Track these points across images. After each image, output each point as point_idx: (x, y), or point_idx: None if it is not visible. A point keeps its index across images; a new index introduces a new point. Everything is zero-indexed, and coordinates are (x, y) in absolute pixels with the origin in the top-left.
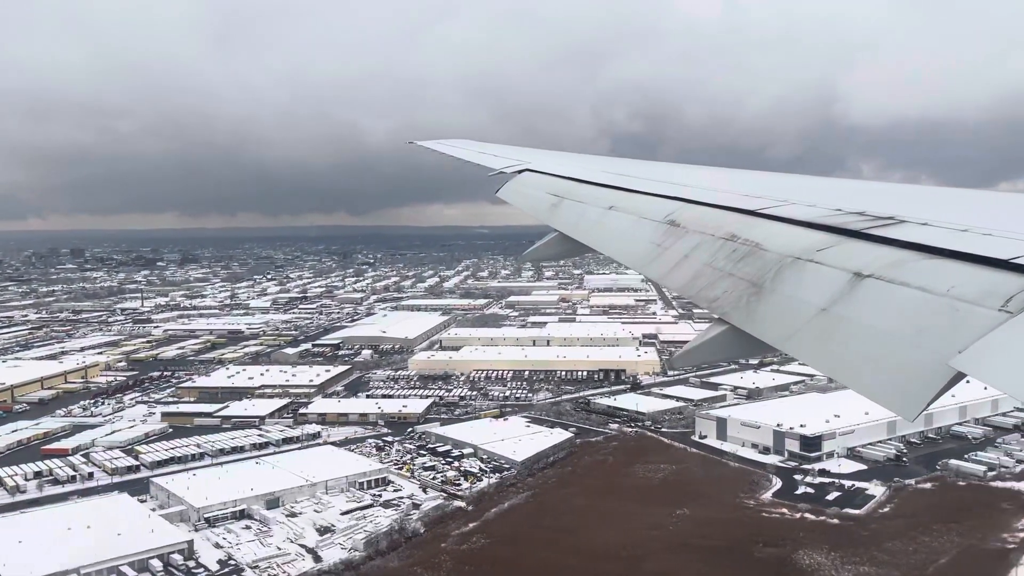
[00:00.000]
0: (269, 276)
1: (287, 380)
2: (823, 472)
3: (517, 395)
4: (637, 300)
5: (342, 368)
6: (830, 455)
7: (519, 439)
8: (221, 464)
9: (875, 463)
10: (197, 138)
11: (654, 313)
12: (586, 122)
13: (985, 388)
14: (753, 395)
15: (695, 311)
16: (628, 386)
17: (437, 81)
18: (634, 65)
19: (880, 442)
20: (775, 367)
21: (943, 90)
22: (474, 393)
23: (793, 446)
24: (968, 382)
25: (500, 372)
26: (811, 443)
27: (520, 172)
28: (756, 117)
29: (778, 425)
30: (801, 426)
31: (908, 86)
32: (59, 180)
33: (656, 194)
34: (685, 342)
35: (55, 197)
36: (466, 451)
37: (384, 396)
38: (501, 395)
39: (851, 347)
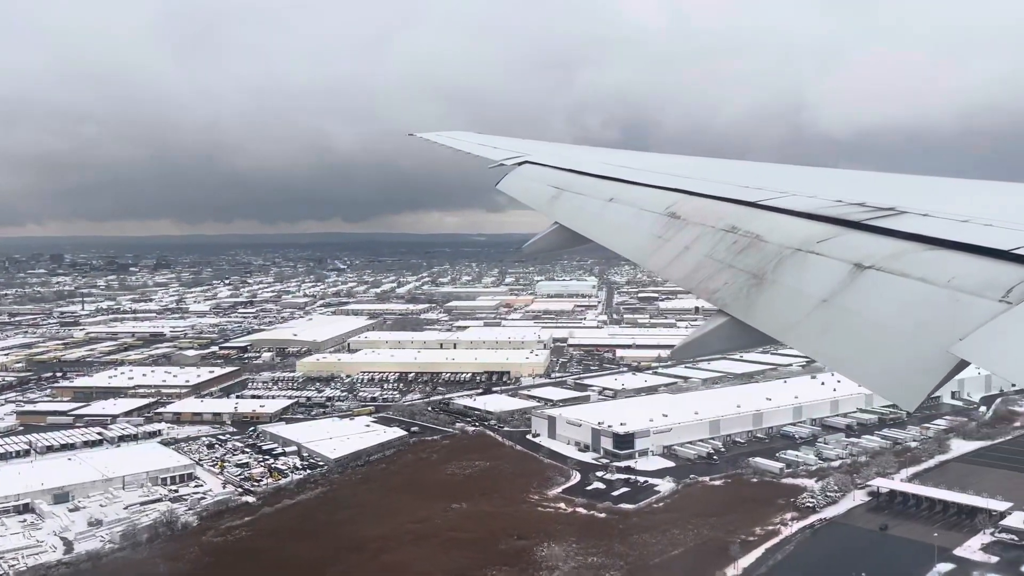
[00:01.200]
0: (227, 281)
1: (164, 380)
2: (627, 469)
3: (387, 396)
4: (577, 306)
5: (229, 369)
6: (643, 453)
7: (348, 437)
8: (32, 460)
9: (687, 461)
10: (181, 145)
11: (583, 319)
12: (561, 129)
13: (835, 389)
14: (620, 396)
15: (627, 317)
16: (510, 387)
17: (408, 88)
18: (608, 73)
19: (701, 440)
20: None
21: (909, 100)
22: (347, 394)
23: (607, 444)
24: (837, 381)
25: (386, 374)
26: (623, 441)
27: (520, 164)
28: (730, 125)
29: (599, 423)
30: (621, 424)
31: (874, 96)
32: (50, 186)
33: (656, 186)
34: (594, 345)
35: (50, 204)
36: (289, 449)
37: (254, 397)
38: (371, 396)
39: (852, 338)
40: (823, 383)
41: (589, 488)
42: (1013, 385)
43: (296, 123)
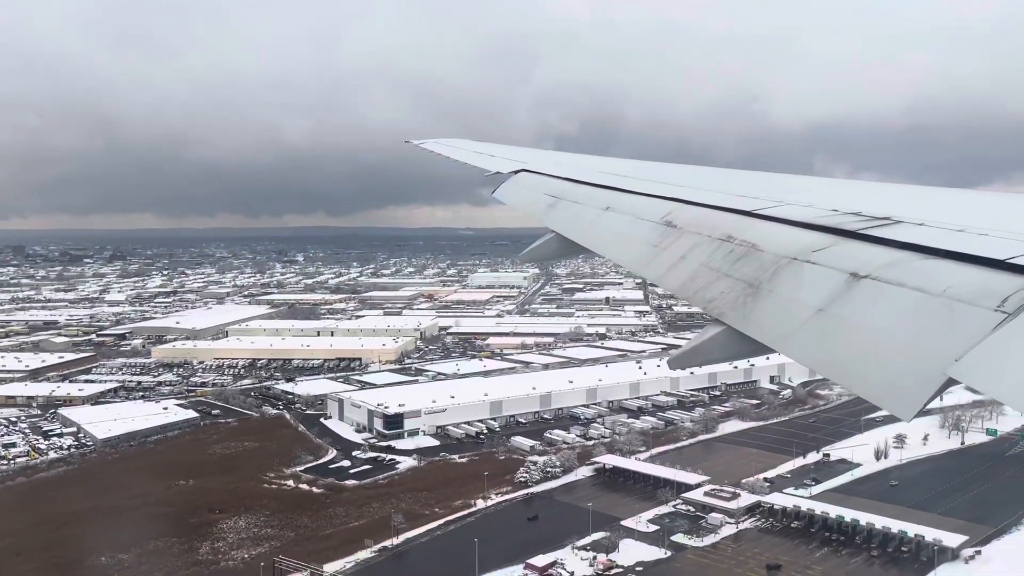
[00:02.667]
0: (164, 272)
1: (4, 366)
2: (388, 448)
3: (219, 381)
4: (495, 296)
5: (83, 355)
6: (414, 432)
7: (133, 419)
8: None
9: (455, 440)
10: (166, 139)
11: (488, 308)
12: (522, 123)
13: (644, 372)
14: (451, 380)
15: (533, 307)
16: (354, 372)
17: (364, 80)
18: (567, 66)
19: (480, 420)
20: None
21: (863, 95)
22: (181, 380)
23: (379, 424)
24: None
25: (237, 361)
26: (392, 421)
27: (516, 172)
28: (694, 118)
29: (377, 405)
30: (400, 405)
31: (828, 91)
32: (28, 179)
33: (653, 195)
34: (472, 333)
35: (29, 197)
36: (69, 430)
37: (87, 381)
38: (202, 382)
39: (848, 348)
40: (659, 365)
41: (333, 466)
42: None
43: (264, 116)
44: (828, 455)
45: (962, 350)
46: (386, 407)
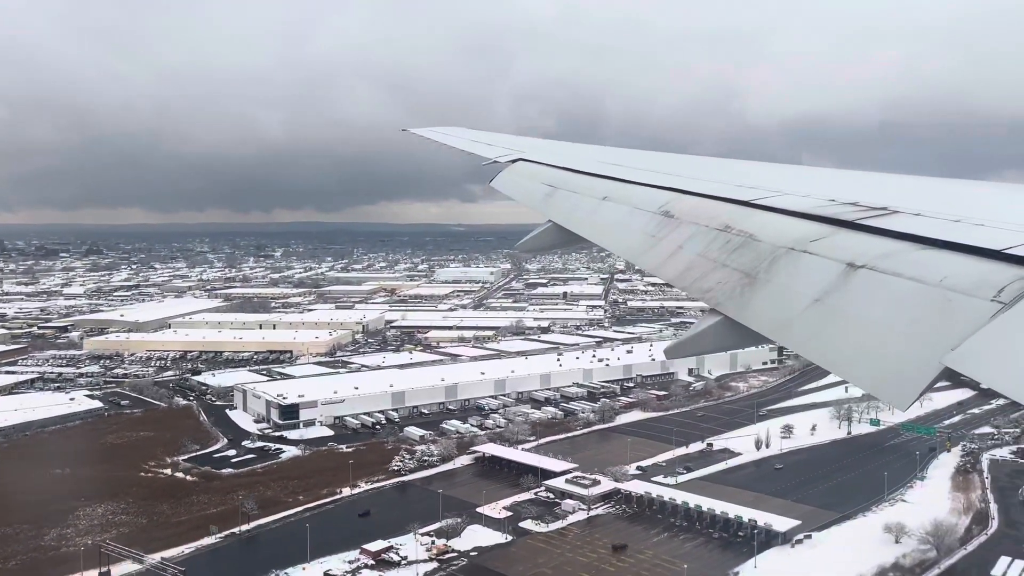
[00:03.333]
0: (134, 267)
1: None
2: (279, 438)
3: (140, 372)
4: (457, 291)
5: (16, 346)
6: (310, 423)
7: (34, 409)
8: None
9: (350, 430)
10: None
11: (438, 304)
12: (503, 117)
13: (559, 364)
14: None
15: (489, 301)
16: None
17: (341, 74)
18: (545, 60)
19: (380, 411)
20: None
21: (835, 93)
22: (102, 371)
23: (275, 415)
24: (575, 357)
25: (167, 352)
26: (287, 412)
27: (514, 161)
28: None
29: (277, 396)
30: (300, 396)
31: (802, 88)
32: (9, 172)
33: (650, 184)
34: (413, 327)
35: (12, 190)
36: None
37: (8, 372)
38: (123, 373)
39: (844, 337)
40: (577, 358)
41: (217, 455)
42: (775, 362)
43: (248, 110)
44: (711, 444)
45: (958, 340)
46: (284, 398)
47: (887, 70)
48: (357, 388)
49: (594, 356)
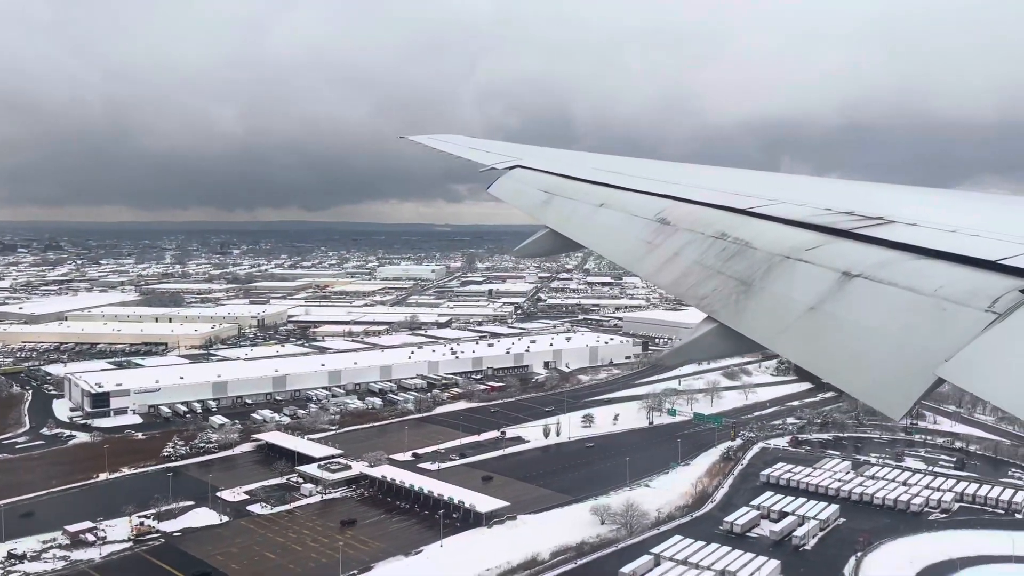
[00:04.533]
0: (79, 261)
1: None
2: (85, 427)
3: None
4: (386, 288)
5: None
6: (122, 411)
7: None
8: None
9: (161, 418)
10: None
11: (352, 301)
12: (468, 116)
13: (408, 357)
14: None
15: (413, 299)
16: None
17: (299, 71)
18: (507, 60)
19: (199, 401)
20: None
21: (795, 94)
22: None
23: (87, 403)
24: (432, 351)
25: (43, 344)
26: (98, 400)
27: (511, 168)
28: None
29: (95, 384)
30: (118, 385)
31: (760, 89)
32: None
33: (647, 192)
34: (309, 322)
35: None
36: None
37: None
38: None
39: (839, 346)
40: (433, 351)
41: (7, 441)
42: (641, 356)
43: (226, 108)
44: (504, 432)
45: (953, 350)
46: (100, 386)
47: (839, 70)
48: (183, 378)
49: (452, 350)
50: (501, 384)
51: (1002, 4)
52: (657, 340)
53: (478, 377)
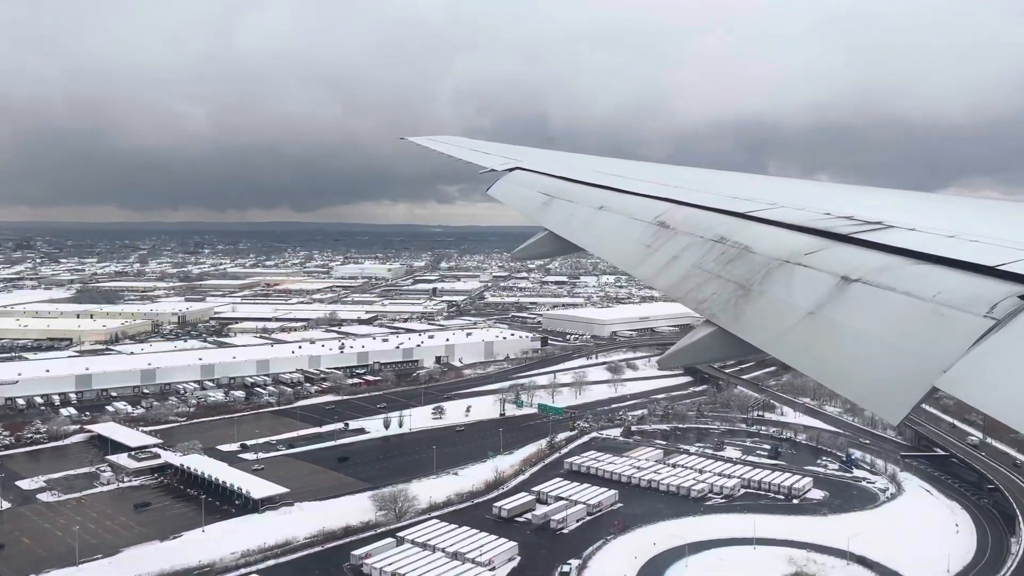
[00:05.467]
0: (39, 260)
1: None
2: None
3: None
4: (332, 286)
5: None
6: None
7: None
8: None
9: (19, 411)
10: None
11: (289, 298)
12: (443, 116)
13: (292, 351)
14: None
15: (354, 297)
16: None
17: (269, 70)
18: (482, 62)
19: (60, 393)
20: None
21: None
22: None
23: None
24: (340, 346)
25: None
26: None
27: (511, 170)
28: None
29: None
30: None
31: (734, 90)
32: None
33: (646, 195)
34: (238, 318)
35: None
36: None
37: None
38: None
39: (838, 351)
40: (323, 345)
41: None
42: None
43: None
44: (347, 424)
45: (951, 355)
46: None
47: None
48: (49, 371)
49: (342, 345)
50: (377, 378)
51: (968, 5)
52: (569, 336)
53: (361, 371)
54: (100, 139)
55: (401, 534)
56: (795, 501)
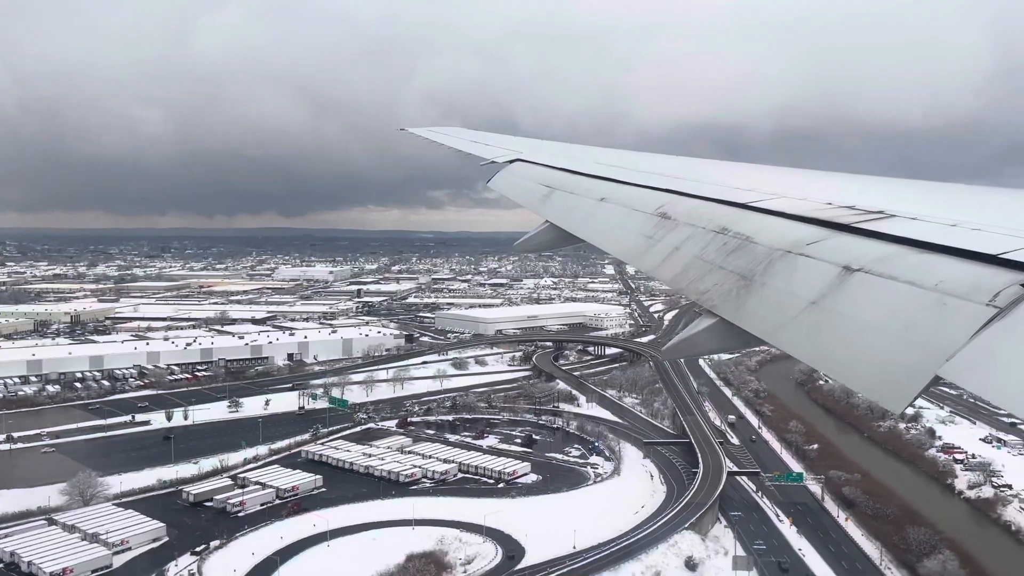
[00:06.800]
0: (6, 263)
1: None
2: None
3: None
4: (264, 288)
5: None
6: None
7: None
8: None
9: None
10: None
11: (202, 301)
12: (407, 117)
13: (152, 346)
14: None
15: (275, 298)
16: None
17: (227, 74)
18: (442, 65)
19: None
20: None
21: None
22: None
23: None
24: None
25: None
26: None
27: (511, 162)
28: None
29: None
30: None
31: (693, 93)
32: None
33: (648, 186)
34: (128, 317)
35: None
36: None
37: None
38: None
39: (840, 340)
40: (173, 342)
41: None
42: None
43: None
44: (134, 417)
45: (954, 344)
46: None
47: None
48: None
49: (190, 341)
50: (207, 373)
51: (920, 7)
52: (448, 334)
53: (203, 368)
54: (77, 143)
55: (59, 516)
56: (500, 485)
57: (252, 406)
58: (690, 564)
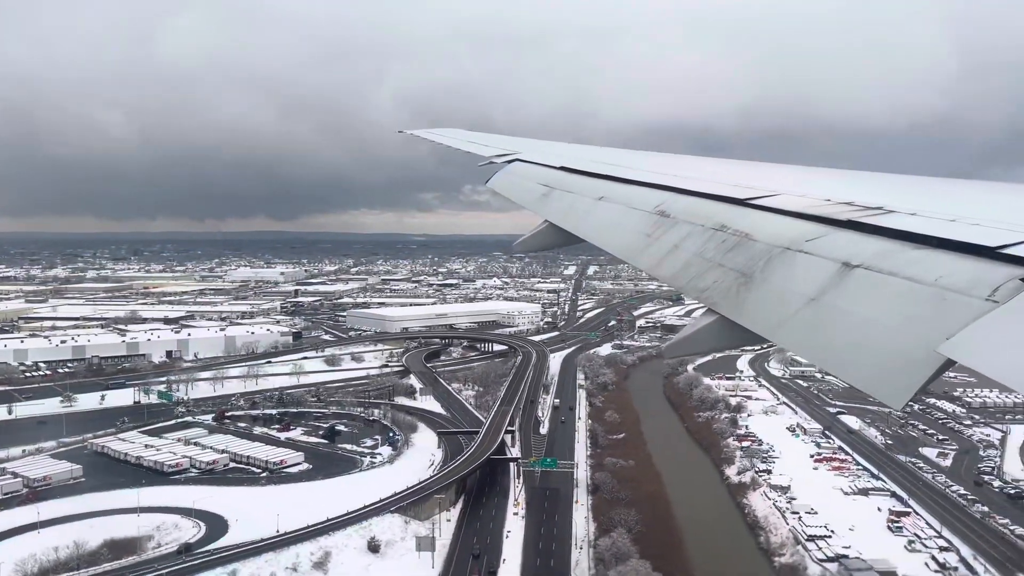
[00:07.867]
0: None
1: None
2: None
3: None
4: (206, 289)
5: None
6: None
7: None
8: None
9: None
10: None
11: (137, 300)
12: (377, 120)
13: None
14: None
15: (210, 298)
16: None
17: (195, 76)
18: (409, 69)
19: None
20: None
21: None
22: None
23: None
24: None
25: None
26: None
27: (510, 162)
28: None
29: None
30: None
31: (660, 93)
32: None
33: (646, 184)
34: (44, 317)
35: None
36: None
37: None
38: None
39: (840, 336)
40: (54, 340)
41: None
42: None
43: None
44: (11, 410)
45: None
46: None
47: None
48: None
49: (64, 339)
50: (67, 370)
51: (879, 8)
52: (351, 331)
53: (71, 365)
54: (53, 147)
55: None
56: (264, 474)
57: (88, 401)
58: (372, 545)
